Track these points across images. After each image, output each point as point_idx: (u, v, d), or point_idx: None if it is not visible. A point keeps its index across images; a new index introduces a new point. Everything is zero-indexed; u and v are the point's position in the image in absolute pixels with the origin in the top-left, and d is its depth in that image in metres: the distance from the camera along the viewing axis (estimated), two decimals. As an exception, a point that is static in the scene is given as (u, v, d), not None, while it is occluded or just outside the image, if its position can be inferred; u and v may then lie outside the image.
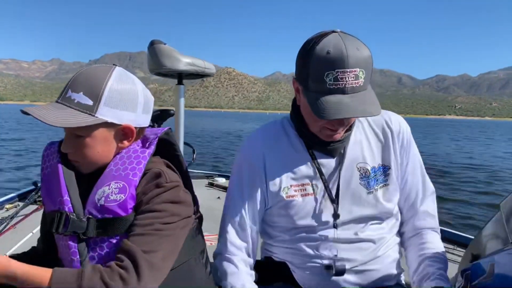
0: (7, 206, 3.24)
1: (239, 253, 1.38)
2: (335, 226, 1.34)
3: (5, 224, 2.75)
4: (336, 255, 1.33)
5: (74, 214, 1.06)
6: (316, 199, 1.34)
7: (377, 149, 1.39)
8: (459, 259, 1.62)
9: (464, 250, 1.57)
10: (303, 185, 1.35)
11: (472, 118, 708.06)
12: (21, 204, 3.22)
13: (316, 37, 1.22)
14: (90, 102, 1.05)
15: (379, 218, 1.38)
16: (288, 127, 1.43)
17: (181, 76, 3.01)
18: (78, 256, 1.06)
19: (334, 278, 1.34)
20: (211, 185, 4.42)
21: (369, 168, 1.36)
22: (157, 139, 1.17)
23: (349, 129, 1.34)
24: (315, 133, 1.32)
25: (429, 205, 1.45)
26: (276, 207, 1.38)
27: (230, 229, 1.39)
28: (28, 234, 2.63)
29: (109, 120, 1.08)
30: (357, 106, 1.18)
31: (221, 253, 1.38)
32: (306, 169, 1.36)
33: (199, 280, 1.23)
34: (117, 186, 1.07)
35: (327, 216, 1.34)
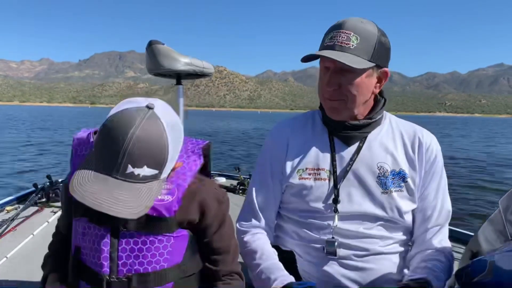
0: (8, 208, 3.23)
1: (261, 228, 1.50)
2: (335, 211, 1.37)
3: (5, 226, 2.74)
4: (337, 240, 1.36)
5: None
6: (328, 185, 1.39)
7: (402, 156, 1.42)
8: (459, 256, 1.64)
9: (464, 248, 1.60)
10: (318, 169, 1.41)
11: (462, 115, 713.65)
12: (21, 206, 3.21)
13: None
14: (156, 172, 1.01)
15: (389, 221, 1.39)
16: (316, 115, 1.53)
17: (179, 76, 3.02)
18: (109, 247, 1.06)
19: (335, 273, 1.37)
20: None
21: (388, 169, 1.39)
22: (201, 150, 1.21)
23: (369, 118, 1.42)
24: (324, 108, 1.44)
25: (445, 227, 1.45)
26: (289, 187, 1.44)
27: (254, 203, 1.51)
28: (28, 236, 2.61)
29: (167, 174, 1.07)
30: (332, 54, 1.26)
31: (245, 228, 1.50)
32: (323, 155, 1.42)
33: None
34: (167, 187, 1.09)
35: (331, 201, 1.39)
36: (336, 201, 1.37)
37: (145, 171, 0.98)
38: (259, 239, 1.45)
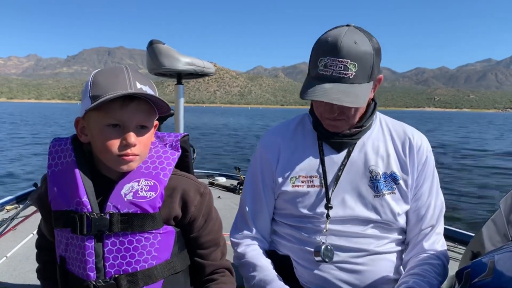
0: (7, 207, 3.23)
1: (254, 238, 1.50)
2: (327, 217, 1.37)
3: (5, 225, 2.74)
4: (331, 244, 1.36)
5: (94, 214, 1.06)
6: (321, 192, 1.40)
7: (394, 158, 1.42)
8: (460, 257, 1.60)
9: (464, 248, 1.57)
10: (311, 176, 1.41)
11: (451, 110, 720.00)
12: (21, 205, 3.21)
13: (329, 29, 1.31)
14: (156, 94, 1.10)
15: (383, 223, 1.40)
16: (306, 120, 1.52)
17: (180, 76, 3.00)
18: (94, 258, 1.06)
19: (331, 277, 1.36)
20: (211, 184, 4.43)
21: (380, 172, 1.39)
22: (179, 142, 1.20)
23: (359, 126, 1.41)
24: (321, 122, 1.41)
25: (439, 226, 1.45)
26: (283, 194, 1.44)
27: (246, 213, 1.50)
28: (28, 236, 2.60)
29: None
30: (332, 93, 1.24)
31: (239, 240, 1.51)
32: (315, 162, 1.43)
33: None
34: (147, 183, 1.09)
35: (324, 207, 1.39)
36: (327, 207, 1.38)
37: (148, 90, 1.07)
38: (253, 250, 1.46)
